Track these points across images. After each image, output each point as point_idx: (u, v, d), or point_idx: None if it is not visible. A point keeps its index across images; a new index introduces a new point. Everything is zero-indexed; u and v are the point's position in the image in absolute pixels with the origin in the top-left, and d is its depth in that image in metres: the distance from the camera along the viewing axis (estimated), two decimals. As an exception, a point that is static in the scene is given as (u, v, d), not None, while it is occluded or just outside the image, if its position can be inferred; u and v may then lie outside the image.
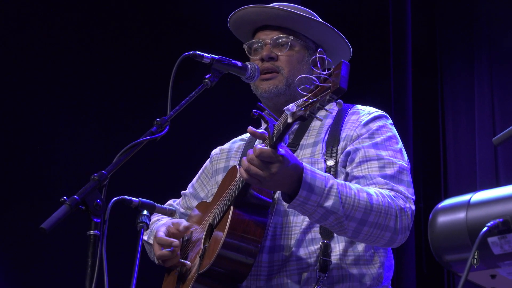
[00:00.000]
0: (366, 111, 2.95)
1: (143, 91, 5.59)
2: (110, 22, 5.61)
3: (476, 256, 1.68)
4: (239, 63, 2.90)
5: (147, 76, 5.60)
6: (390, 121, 2.97)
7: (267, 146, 2.46)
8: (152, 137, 2.53)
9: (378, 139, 2.85)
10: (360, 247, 2.80)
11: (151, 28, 5.72)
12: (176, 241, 2.93)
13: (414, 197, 2.77)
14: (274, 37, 3.01)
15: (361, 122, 2.89)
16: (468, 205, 1.78)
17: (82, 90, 5.52)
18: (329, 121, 2.95)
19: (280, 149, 2.46)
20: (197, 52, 2.82)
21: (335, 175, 2.80)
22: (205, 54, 2.83)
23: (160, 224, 3.07)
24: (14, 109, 5.39)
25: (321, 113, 2.32)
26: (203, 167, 3.32)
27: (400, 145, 2.90)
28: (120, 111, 5.57)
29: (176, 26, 5.69)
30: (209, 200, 3.12)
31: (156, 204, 2.64)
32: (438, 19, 5.57)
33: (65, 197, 2.28)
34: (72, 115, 5.47)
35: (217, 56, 2.85)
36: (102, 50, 5.57)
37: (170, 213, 2.73)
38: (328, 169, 2.81)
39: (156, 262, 3.02)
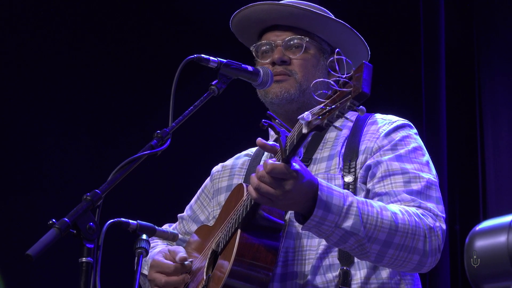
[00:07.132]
0: (387, 120, 2.96)
1: (142, 100, 5.61)
2: (106, 23, 5.64)
3: None
4: (249, 68, 2.91)
5: (146, 82, 5.61)
6: (415, 130, 2.98)
7: (278, 161, 2.45)
8: (152, 152, 2.53)
9: (401, 151, 2.86)
10: (385, 273, 2.80)
11: (150, 29, 5.74)
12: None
13: (444, 215, 2.77)
14: (287, 39, 3.02)
15: (382, 132, 2.90)
16: (509, 227, 1.79)
17: (73, 98, 5.53)
18: (345, 132, 2.95)
19: (294, 164, 2.44)
20: (202, 55, 2.82)
21: (354, 193, 2.79)
22: (211, 58, 2.84)
23: (155, 252, 3.06)
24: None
25: (337, 123, 2.29)
26: (203, 186, 3.32)
27: (427, 157, 2.90)
28: (116, 122, 5.58)
29: (178, 27, 5.71)
30: (210, 223, 3.12)
31: (156, 227, 2.64)
32: (476, 16, 5.56)
33: (53, 220, 2.28)
34: (62, 126, 5.48)
35: (224, 60, 2.85)
36: (95, 53, 5.59)
37: (173, 237, 2.73)
38: (346, 186, 2.82)
39: None
